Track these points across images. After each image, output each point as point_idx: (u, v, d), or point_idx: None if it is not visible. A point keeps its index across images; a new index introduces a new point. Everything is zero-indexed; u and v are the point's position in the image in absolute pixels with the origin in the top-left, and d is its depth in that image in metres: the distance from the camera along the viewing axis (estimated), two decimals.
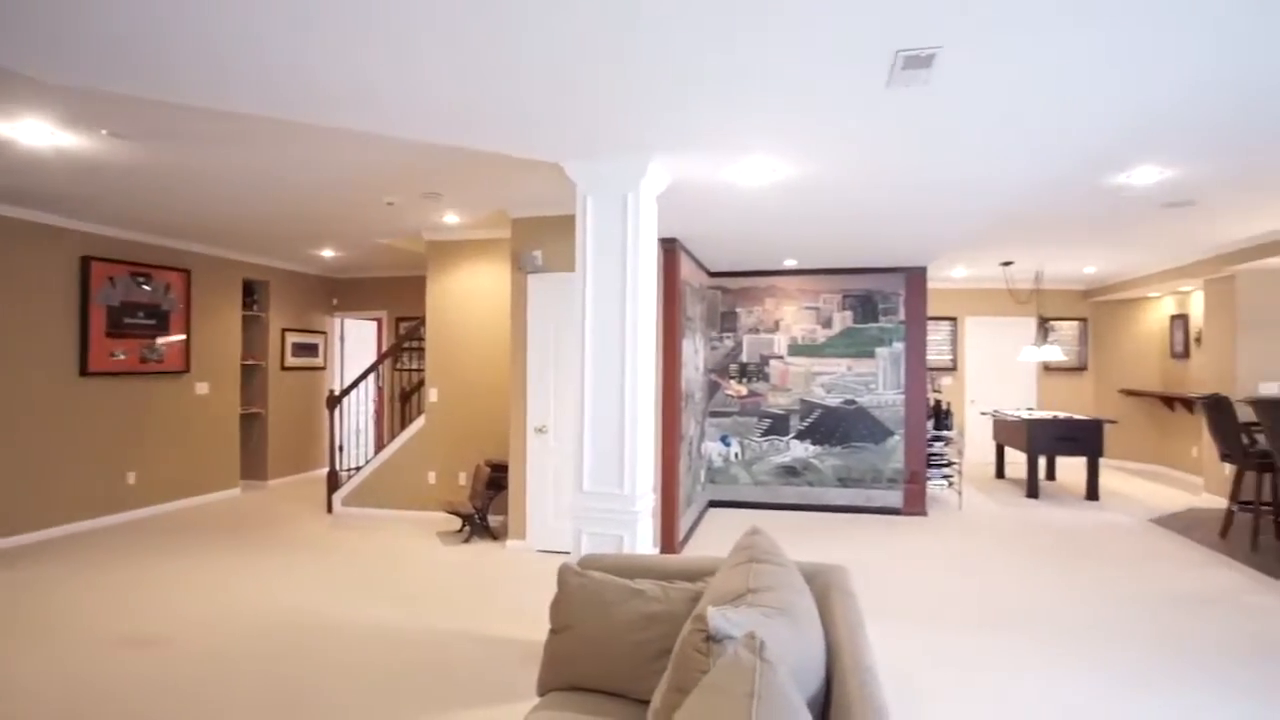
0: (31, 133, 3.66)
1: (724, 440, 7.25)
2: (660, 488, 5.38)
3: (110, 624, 3.84)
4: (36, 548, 5.36)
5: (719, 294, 7.33)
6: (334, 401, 6.84)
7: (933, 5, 2.01)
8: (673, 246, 5.49)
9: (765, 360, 7.22)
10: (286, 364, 8.18)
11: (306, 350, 8.51)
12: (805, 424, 7.10)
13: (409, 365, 8.58)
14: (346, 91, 2.68)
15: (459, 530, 5.93)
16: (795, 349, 7.15)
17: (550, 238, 5.31)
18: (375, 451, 6.98)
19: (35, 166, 4.28)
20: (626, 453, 3.36)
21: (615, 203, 3.42)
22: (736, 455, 7.22)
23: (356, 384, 7.02)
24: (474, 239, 6.28)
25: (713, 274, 7.32)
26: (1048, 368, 9.90)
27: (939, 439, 7.28)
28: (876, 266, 6.89)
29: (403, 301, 8.89)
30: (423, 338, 6.66)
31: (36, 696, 3.03)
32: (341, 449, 6.95)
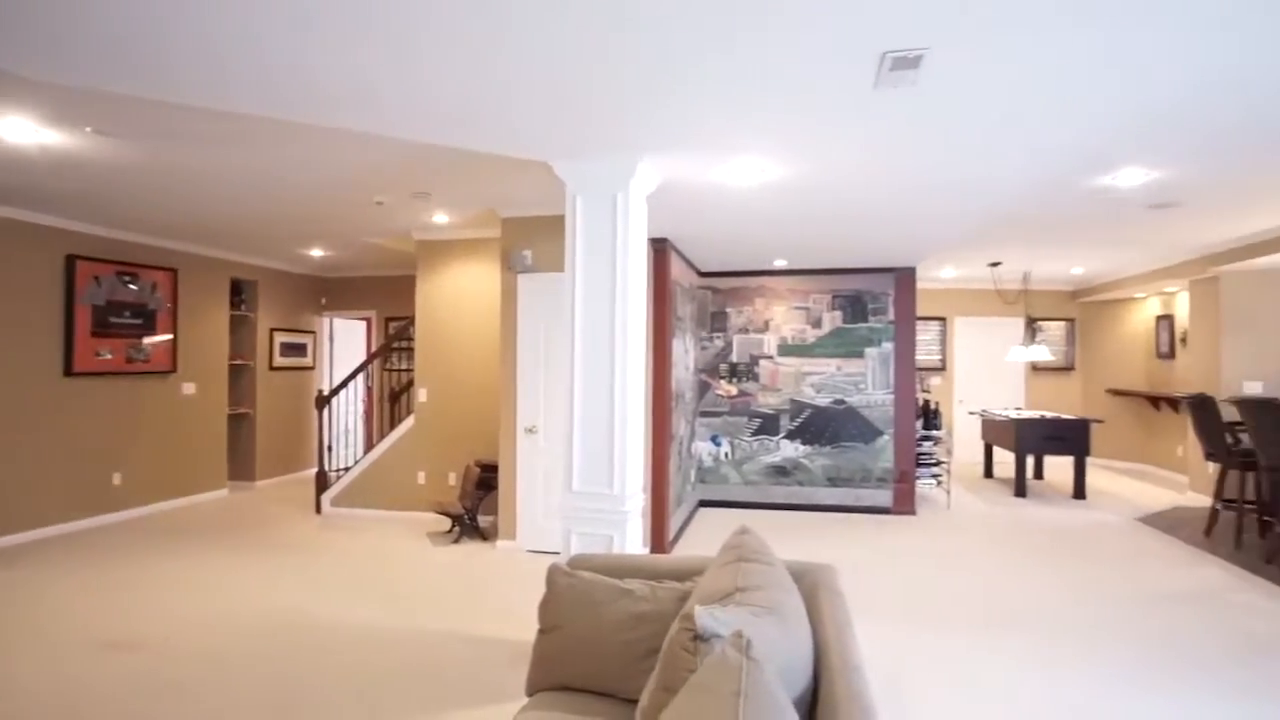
0: (14, 130, 3.62)
1: (714, 440, 7.26)
2: (650, 488, 5.38)
3: (96, 625, 3.80)
4: (21, 549, 5.30)
5: (709, 294, 7.34)
6: (323, 401, 6.81)
7: (920, 7, 2.02)
8: (663, 246, 5.49)
9: (755, 360, 7.23)
10: (275, 364, 8.13)
11: (295, 350, 8.46)
12: (795, 424, 7.12)
13: (398, 365, 8.55)
14: (345, 91, 2.66)
15: (449, 531, 5.91)
16: (785, 349, 7.17)
17: (540, 237, 5.30)
18: (364, 452, 6.94)
19: (18, 164, 4.23)
20: (616, 453, 3.35)
21: (605, 202, 3.41)
22: (727, 455, 7.23)
23: (345, 384, 6.99)
24: (464, 238, 6.26)
25: (703, 274, 7.32)
26: (1035, 368, 9.97)
27: (928, 439, 7.31)
28: (866, 267, 6.92)
29: (392, 301, 8.84)
30: (412, 337, 6.63)
31: (22, 698, 3.00)
32: (330, 449, 6.91)
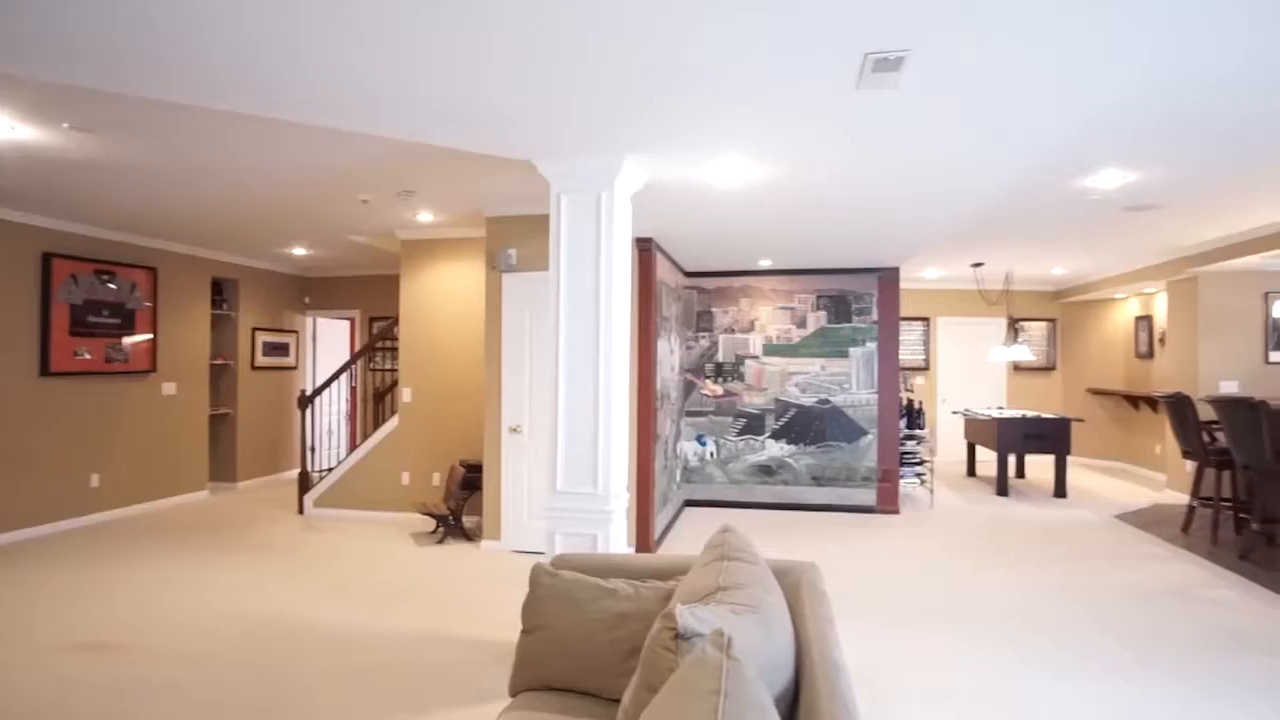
0: None
1: (700, 440, 7.27)
2: (635, 487, 5.38)
3: (76, 627, 3.74)
4: None
5: (695, 294, 7.35)
6: (306, 402, 6.75)
7: (901, 10, 2.03)
8: (648, 246, 5.49)
9: (741, 360, 7.25)
10: (257, 364, 8.05)
11: (277, 350, 8.37)
12: (780, 423, 7.14)
13: (382, 365, 8.50)
14: (336, 90, 2.65)
15: (433, 531, 5.87)
16: (770, 349, 7.19)
17: (525, 237, 5.28)
18: (348, 452, 6.89)
19: None
20: (600, 452, 3.35)
21: (589, 201, 3.41)
22: (712, 455, 7.25)
23: (329, 384, 6.93)
24: (448, 238, 6.23)
25: (689, 274, 7.33)
26: (1017, 367, 10.07)
27: (911, 438, 7.37)
28: (850, 267, 6.96)
29: (376, 300, 8.78)
30: (396, 337, 6.58)
31: (2, 699, 2.95)
32: (313, 450, 6.85)
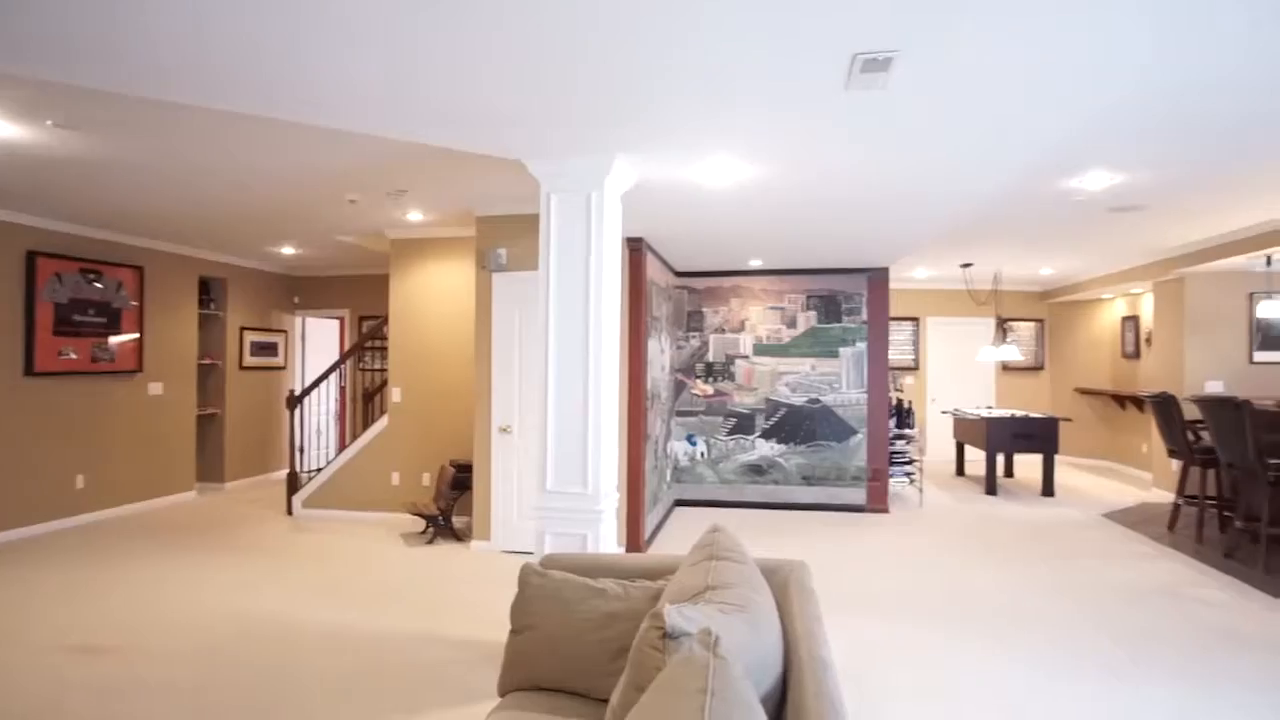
0: None
1: (690, 439, 7.28)
2: (625, 487, 5.38)
3: (65, 629, 3.71)
4: None
5: (685, 294, 7.36)
6: (294, 402, 6.71)
7: (890, 10, 2.04)
8: (639, 246, 5.49)
9: (731, 360, 7.26)
10: (245, 363, 7.99)
11: (266, 349, 8.32)
12: (770, 423, 7.16)
13: (372, 365, 8.46)
14: (332, 90, 2.64)
15: (423, 532, 5.85)
16: (760, 348, 7.21)
17: (515, 236, 5.27)
18: (337, 452, 6.85)
19: None
20: (590, 452, 3.35)
21: (579, 201, 3.40)
22: (703, 454, 7.26)
23: (318, 384, 6.89)
24: (438, 237, 6.21)
25: (679, 274, 7.34)
26: (1006, 367, 10.13)
27: (901, 437, 7.40)
28: (840, 267, 6.98)
29: (366, 300, 8.74)
30: (386, 337, 6.56)
31: None
32: (302, 450, 6.81)
